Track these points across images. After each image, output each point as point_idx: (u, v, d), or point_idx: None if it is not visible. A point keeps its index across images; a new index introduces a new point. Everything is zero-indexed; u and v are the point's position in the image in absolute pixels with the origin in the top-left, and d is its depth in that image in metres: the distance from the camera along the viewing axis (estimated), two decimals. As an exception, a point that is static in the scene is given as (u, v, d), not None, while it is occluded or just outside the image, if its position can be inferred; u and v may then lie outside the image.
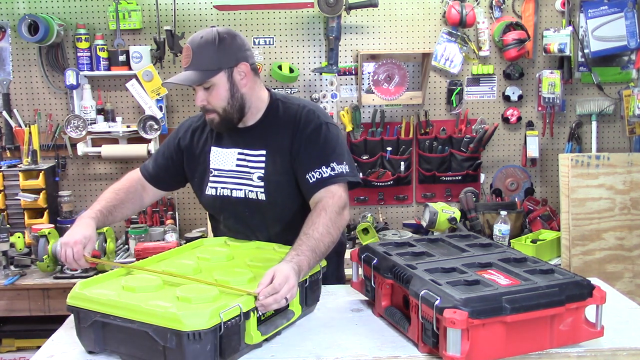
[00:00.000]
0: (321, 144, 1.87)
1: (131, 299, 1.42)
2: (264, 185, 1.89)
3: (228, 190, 1.93)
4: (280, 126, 1.91)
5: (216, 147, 1.97)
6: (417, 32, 3.55)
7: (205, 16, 3.48)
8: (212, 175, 1.96)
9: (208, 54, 1.79)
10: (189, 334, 1.29)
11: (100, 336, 1.44)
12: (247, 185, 1.91)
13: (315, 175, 1.83)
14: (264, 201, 1.89)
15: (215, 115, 1.86)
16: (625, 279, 3.13)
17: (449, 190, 3.62)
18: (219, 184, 1.95)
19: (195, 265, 1.69)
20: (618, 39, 3.50)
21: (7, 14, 3.44)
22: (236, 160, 1.93)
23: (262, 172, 1.89)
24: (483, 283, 1.46)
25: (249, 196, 1.91)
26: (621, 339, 1.54)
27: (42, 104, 3.51)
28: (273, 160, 1.89)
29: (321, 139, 1.88)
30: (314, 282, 1.69)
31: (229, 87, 1.83)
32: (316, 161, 1.84)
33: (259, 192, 1.89)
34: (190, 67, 1.80)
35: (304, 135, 1.87)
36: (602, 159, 3.10)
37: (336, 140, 1.90)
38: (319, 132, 1.88)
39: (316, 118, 1.90)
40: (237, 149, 1.94)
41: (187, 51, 1.80)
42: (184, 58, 1.83)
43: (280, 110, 1.94)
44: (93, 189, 3.60)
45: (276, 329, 1.52)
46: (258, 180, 1.89)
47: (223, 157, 1.95)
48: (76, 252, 1.73)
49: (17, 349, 3.27)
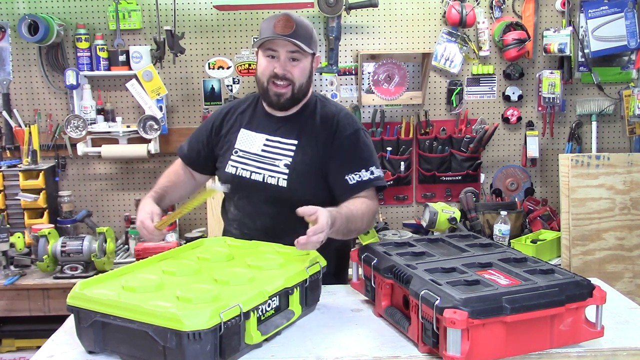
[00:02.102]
0: (361, 148, 1.99)
1: (131, 299, 1.42)
2: (289, 173, 1.96)
3: (247, 172, 2.01)
4: (317, 123, 2.01)
5: (245, 130, 2.06)
6: (417, 32, 3.55)
7: (205, 16, 3.48)
8: (236, 154, 2.04)
9: (308, 32, 1.92)
10: (189, 334, 1.29)
11: (100, 336, 1.44)
12: (269, 170, 1.98)
13: (356, 177, 1.94)
14: (284, 188, 1.96)
15: (289, 88, 1.94)
16: (625, 279, 3.13)
17: (449, 190, 3.62)
18: (240, 164, 2.03)
19: (196, 265, 1.69)
20: (618, 39, 3.50)
21: (7, 14, 3.44)
22: (263, 145, 2.01)
23: (289, 160, 1.97)
24: (483, 283, 1.46)
25: (267, 181, 1.97)
26: (621, 339, 1.54)
27: (42, 104, 3.51)
28: (303, 151, 1.97)
29: (360, 142, 2.00)
30: (314, 282, 1.69)
31: (309, 68, 1.97)
32: (357, 164, 1.96)
33: (281, 179, 1.96)
34: (294, 35, 1.88)
35: (342, 136, 1.98)
36: (602, 159, 3.10)
37: (372, 145, 2.04)
38: (358, 136, 2.00)
39: (354, 122, 2.03)
40: (265, 135, 2.02)
41: (289, 21, 1.88)
42: (283, 26, 1.87)
43: (318, 108, 2.04)
44: (93, 189, 3.60)
45: (276, 329, 1.52)
46: (284, 167, 1.96)
47: (250, 139, 2.04)
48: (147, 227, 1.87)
49: (17, 349, 3.27)
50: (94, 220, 3.45)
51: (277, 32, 1.87)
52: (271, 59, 1.93)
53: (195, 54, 3.51)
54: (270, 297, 1.51)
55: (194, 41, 3.50)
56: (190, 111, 3.56)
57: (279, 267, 1.68)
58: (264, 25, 1.94)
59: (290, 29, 1.87)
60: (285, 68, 1.92)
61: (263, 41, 1.90)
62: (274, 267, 1.68)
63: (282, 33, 1.87)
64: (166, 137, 3.49)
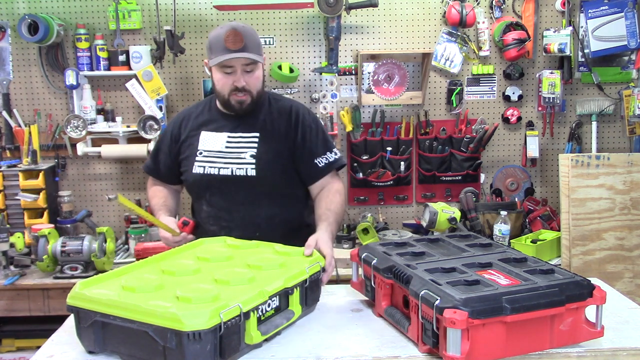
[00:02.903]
0: (321, 134, 2.21)
1: (131, 299, 1.42)
2: (256, 163, 2.10)
3: (215, 169, 2.13)
4: (274, 116, 2.18)
5: (205, 132, 2.19)
6: (417, 32, 3.55)
7: (205, 16, 3.48)
8: (201, 155, 2.16)
9: (255, 40, 2.06)
10: (189, 334, 1.29)
11: (101, 336, 1.44)
12: (236, 163, 2.11)
13: (324, 160, 2.16)
14: (254, 176, 2.10)
15: (249, 96, 2.09)
16: (625, 279, 3.13)
17: (449, 190, 3.62)
18: (206, 163, 2.15)
19: (195, 265, 1.69)
20: (618, 39, 3.50)
21: (7, 14, 3.44)
22: (225, 142, 2.15)
23: (254, 151, 2.12)
24: (483, 283, 1.46)
25: (236, 173, 2.11)
26: (621, 339, 1.54)
27: (42, 104, 3.51)
28: (266, 141, 2.13)
29: (320, 129, 2.22)
30: (313, 282, 1.69)
31: (262, 73, 2.12)
32: (322, 148, 2.18)
33: (249, 169, 2.10)
34: (244, 49, 2.01)
35: (305, 125, 2.17)
36: (602, 159, 3.10)
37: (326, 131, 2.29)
38: (318, 123, 2.23)
39: (309, 112, 2.25)
40: (226, 132, 2.16)
41: (237, 35, 2.00)
42: (233, 41, 2.00)
43: (273, 103, 2.22)
44: (93, 189, 3.60)
45: (276, 329, 1.52)
46: (250, 158, 2.11)
47: (212, 139, 2.17)
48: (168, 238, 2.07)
49: (17, 349, 3.27)
50: (94, 220, 3.45)
51: (229, 47, 2.00)
52: (227, 75, 2.06)
53: (195, 54, 3.51)
54: (270, 297, 1.51)
55: (194, 41, 3.50)
56: (190, 111, 3.56)
57: (279, 267, 1.69)
58: (214, 42, 2.05)
59: (241, 43, 2.00)
60: (242, 81, 2.06)
61: (220, 61, 2.01)
62: (273, 267, 1.68)
63: (234, 49, 2.00)
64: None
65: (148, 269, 1.69)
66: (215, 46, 2.04)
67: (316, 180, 2.18)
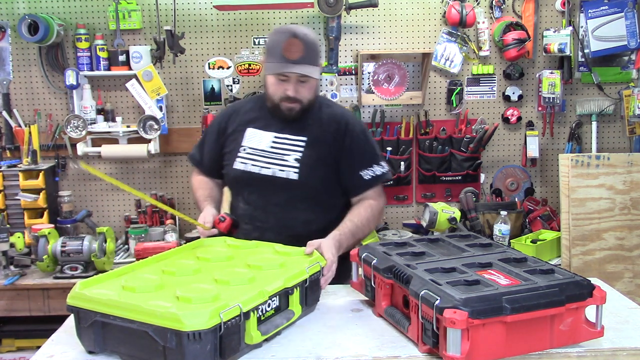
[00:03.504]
0: (370, 145, 2.16)
1: (131, 299, 1.42)
2: (300, 167, 2.06)
3: (257, 168, 2.09)
4: (324, 122, 2.12)
5: (252, 128, 2.15)
6: (417, 32, 3.55)
7: (205, 16, 3.48)
8: (244, 151, 2.13)
9: (315, 52, 2.03)
10: (189, 334, 1.29)
11: (101, 336, 1.44)
12: (278, 165, 2.08)
13: (370, 173, 2.10)
14: (295, 180, 2.06)
15: (298, 104, 2.05)
16: (625, 279, 3.13)
17: (449, 190, 3.62)
18: (249, 160, 2.11)
19: (195, 265, 1.69)
20: (618, 39, 3.50)
21: (7, 14, 3.44)
22: (271, 142, 2.11)
23: (299, 154, 2.07)
24: (483, 283, 1.46)
25: (277, 175, 2.07)
26: (621, 339, 1.54)
27: (42, 104, 3.51)
28: (313, 146, 2.08)
29: (370, 140, 2.16)
30: (314, 282, 1.69)
31: (317, 82, 2.09)
32: (370, 160, 2.12)
33: (292, 172, 2.06)
34: (303, 60, 1.97)
35: (353, 135, 2.11)
36: (602, 159, 3.10)
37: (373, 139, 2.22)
38: (366, 134, 2.17)
39: (359, 122, 2.21)
40: (273, 132, 2.12)
41: (299, 45, 1.96)
42: (294, 51, 1.96)
43: (324, 108, 2.16)
44: (93, 189, 3.60)
45: (276, 329, 1.52)
46: (294, 162, 2.07)
47: (258, 137, 2.13)
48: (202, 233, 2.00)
49: (17, 349, 3.27)
50: (94, 220, 3.45)
51: (286, 57, 1.96)
52: (281, 81, 2.02)
53: (195, 54, 3.51)
54: (271, 297, 1.51)
55: (194, 41, 3.50)
56: (190, 111, 3.56)
57: (279, 267, 1.68)
58: (272, 46, 2.00)
59: (299, 54, 1.96)
60: (296, 90, 2.02)
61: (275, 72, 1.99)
62: (274, 267, 1.68)
63: (291, 60, 1.96)
64: (166, 137, 3.50)
65: (148, 269, 1.69)
66: (273, 51, 2.00)
67: (359, 192, 2.12)
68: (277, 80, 2.03)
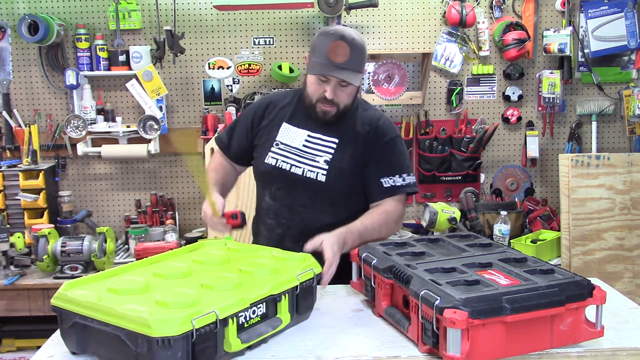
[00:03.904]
0: (398, 154, 2.10)
1: (109, 302, 1.40)
2: (328, 169, 2.04)
3: (287, 165, 2.07)
4: (358, 125, 2.09)
5: (287, 124, 2.12)
6: (417, 32, 3.55)
7: (205, 16, 3.48)
8: (277, 147, 2.10)
9: (360, 58, 1.97)
10: (159, 340, 1.26)
11: (82, 338, 1.42)
12: (308, 165, 2.06)
13: (390, 182, 2.05)
14: (323, 182, 2.04)
15: (335, 108, 2.02)
16: (625, 279, 3.13)
17: (449, 190, 3.62)
18: (280, 156, 2.09)
19: (186, 268, 1.66)
20: (618, 39, 3.50)
21: (7, 14, 3.44)
22: (304, 140, 2.08)
23: (329, 157, 2.05)
24: (483, 283, 1.46)
25: (307, 175, 2.05)
26: (621, 339, 1.53)
27: (42, 104, 3.51)
28: (343, 150, 2.06)
29: (398, 149, 2.10)
30: (306, 290, 1.64)
31: (357, 88, 2.05)
32: (393, 169, 2.06)
33: (320, 174, 2.04)
34: (348, 64, 1.93)
35: (382, 141, 2.07)
36: (602, 159, 3.10)
37: (407, 153, 2.16)
38: (396, 142, 2.11)
39: (394, 129, 2.14)
40: (307, 131, 2.09)
41: (345, 49, 1.92)
42: (339, 54, 1.92)
43: (360, 111, 2.12)
44: (93, 189, 3.60)
45: (259, 337, 1.47)
46: (324, 163, 2.05)
47: (292, 134, 2.11)
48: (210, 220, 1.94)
49: (17, 349, 3.28)
50: (94, 220, 3.45)
51: (331, 59, 1.92)
52: (321, 82, 1.99)
53: (195, 54, 3.51)
54: (255, 304, 1.47)
55: (194, 41, 3.50)
56: (190, 111, 3.56)
57: (270, 272, 1.64)
58: (319, 45, 1.96)
59: (345, 57, 1.92)
60: (334, 94, 1.98)
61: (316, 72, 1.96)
62: (264, 273, 1.63)
63: (336, 62, 1.92)
64: (166, 137, 3.50)
65: (139, 271, 1.67)
66: (318, 50, 1.96)
67: (376, 199, 2.07)
68: (317, 80, 2.00)
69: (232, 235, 2.03)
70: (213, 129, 3.39)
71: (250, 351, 1.47)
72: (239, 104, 3.47)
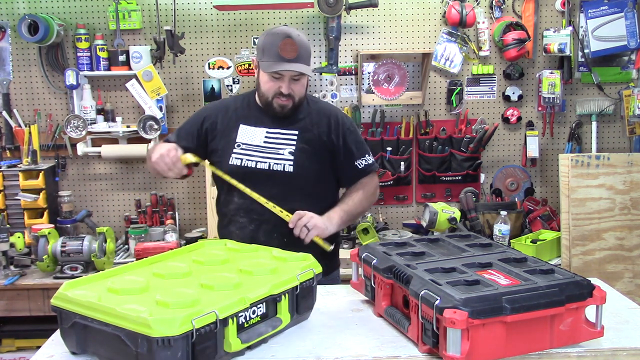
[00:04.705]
0: (359, 137, 2.29)
1: (109, 302, 1.40)
2: (294, 159, 2.15)
3: (253, 162, 2.17)
4: (313, 116, 2.23)
5: (245, 125, 2.22)
6: (417, 32, 3.55)
7: (205, 16, 3.48)
8: (239, 147, 2.20)
9: (308, 51, 2.13)
10: (158, 340, 1.26)
11: (82, 338, 1.43)
12: (273, 158, 2.16)
13: (363, 162, 2.24)
14: (292, 172, 2.15)
15: (291, 101, 2.14)
16: (625, 279, 3.13)
17: (449, 190, 3.62)
18: (244, 155, 2.18)
19: (186, 268, 1.66)
20: (618, 39, 3.50)
21: (7, 14, 3.44)
22: (264, 137, 2.19)
23: (293, 147, 2.17)
24: (483, 283, 1.46)
25: (274, 168, 2.15)
26: (621, 339, 1.54)
27: (42, 104, 3.51)
28: (305, 139, 2.18)
29: (357, 132, 2.29)
30: (305, 290, 1.64)
31: (307, 80, 2.19)
32: (362, 151, 2.25)
33: (287, 165, 2.15)
34: (297, 59, 2.08)
35: (345, 129, 2.23)
36: (602, 159, 3.10)
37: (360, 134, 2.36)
38: (354, 127, 2.30)
39: (346, 116, 2.33)
40: (265, 128, 2.20)
41: (293, 45, 2.07)
42: (289, 50, 2.07)
43: (311, 105, 2.26)
44: (93, 189, 3.60)
45: (259, 337, 1.47)
46: (289, 155, 2.16)
47: (251, 133, 2.21)
48: (173, 157, 2.02)
49: (17, 349, 3.27)
50: (94, 220, 3.45)
51: (283, 56, 2.06)
52: (275, 79, 2.11)
53: (195, 54, 3.51)
54: (255, 304, 1.47)
55: (194, 41, 3.50)
56: (190, 111, 3.56)
57: (270, 272, 1.64)
58: (268, 46, 2.09)
59: (295, 53, 2.06)
60: (289, 87, 2.11)
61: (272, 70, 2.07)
62: (264, 273, 1.63)
63: (287, 59, 2.06)
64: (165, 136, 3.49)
65: (139, 271, 1.67)
66: (268, 51, 2.09)
67: (355, 181, 2.26)
68: (271, 78, 2.11)
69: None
70: (213, 129, 3.39)
71: (250, 351, 1.48)
72: (239, 104, 3.47)
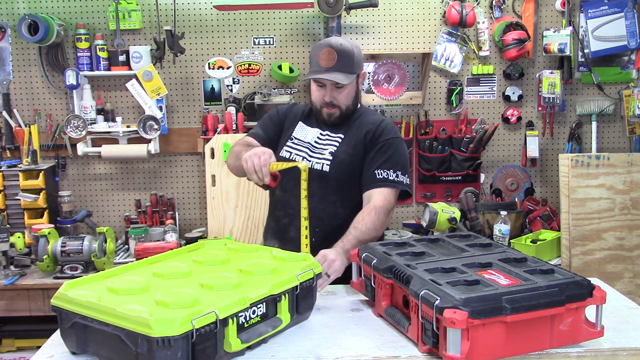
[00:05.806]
0: (396, 152, 2.24)
1: (109, 302, 1.40)
2: (332, 160, 2.22)
3: (299, 158, 2.26)
4: (363, 124, 2.28)
5: (303, 123, 2.35)
6: (417, 32, 3.55)
7: (205, 16, 3.48)
8: (291, 141, 2.32)
9: (349, 59, 2.17)
10: (158, 340, 1.26)
11: (82, 338, 1.43)
12: (316, 157, 2.25)
13: (383, 174, 2.19)
14: (326, 172, 2.21)
15: (337, 110, 2.24)
16: (625, 279, 3.13)
17: (449, 190, 3.62)
18: (293, 149, 2.29)
19: (186, 268, 1.66)
20: (618, 39, 3.50)
21: (7, 14, 3.44)
22: (316, 137, 2.29)
23: (334, 148, 2.25)
24: (483, 283, 1.46)
25: (314, 167, 2.23)
26: (621, 339, 1.54)
27: (42, 104, 3.51)
28: (347, 143, 2.25)
29: (396, 148, 2.25)
30: (305, 290, 1.64)
31: (355, 89, 2.26)
32: (389, 164, 2.21)
33: (325, 164, 2.22)
34: (334, 67, 2.15)
35: (383, 138, 2.24)
36: (602, 159, 3.10)
37: (406, 156, 2.32)
38: (396, 142, 2.27)
39: (396, 131, 2.31)
40: (319, 129, 2.31)
41: (332, 54, 2.15)
42: (327, 59, 2.15)
43: (364, 115, 2.33)
44: (93, 189, 3.60)
45: (259, 337, 1.47)
46: (329, 155, 2.23)
47: (306, 131, 2.33)
48: (264, 160, 1.96)
49: (17, 349, 3.27)
50: (94, 220, 3.45)
51: (321, 65, 2.16)
52: (320, 87, 2.22)
53: (195, 54, 3.51)
54: (255, 304, 1.47)
55: (194, 41, 3.50)
56: (190, 111, 3.56)
57: (270, 272, 1.64)
58: (312, 56, 2.21)
59: (332, 62, 2.15)
60: (332, 96, 2.20)
61: (311, 77, 2.19)
62: (264, 273, 1.63)
63: (325, 66, 2.15)
64: (166, 137, 3.50)
65: (139, 271, 1.67)
66: (312, 60, 2.21)
67: (367, 188, 2.19)
68: (316, 88, 2.23)
69: None
70: (213, 129, 3.39)
71: (250, 351, 1.48)
72: (239, 104, 3.47)
